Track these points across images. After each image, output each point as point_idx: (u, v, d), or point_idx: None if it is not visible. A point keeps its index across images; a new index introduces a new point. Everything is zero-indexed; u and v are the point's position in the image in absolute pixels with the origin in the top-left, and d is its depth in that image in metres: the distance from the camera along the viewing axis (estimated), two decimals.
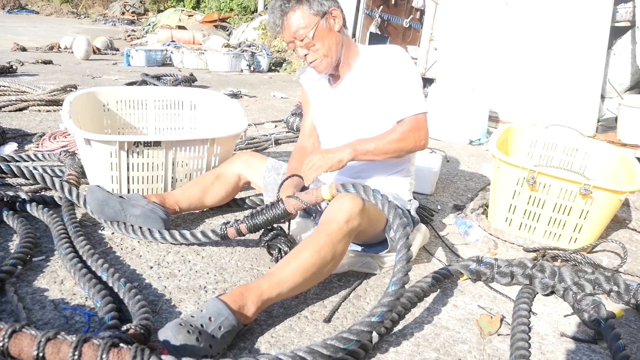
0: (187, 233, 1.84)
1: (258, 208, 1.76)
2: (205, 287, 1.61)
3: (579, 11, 4.46)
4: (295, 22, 1.69)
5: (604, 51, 4.39)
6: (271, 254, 1.79)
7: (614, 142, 4.03)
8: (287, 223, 1.79)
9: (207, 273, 1.70)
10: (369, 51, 1.85)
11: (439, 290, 1.74)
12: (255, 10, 15.04)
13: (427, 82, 6.40)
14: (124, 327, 1.23)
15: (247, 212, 2.21)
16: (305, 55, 1.75)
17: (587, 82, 4.45)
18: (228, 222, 1.79)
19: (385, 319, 1.34)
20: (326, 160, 1.65)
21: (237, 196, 2.27)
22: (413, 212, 1.88)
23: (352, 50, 1.84)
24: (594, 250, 2.21)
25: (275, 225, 1.77)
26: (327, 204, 1.60)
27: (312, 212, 1.93)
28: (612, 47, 4.63)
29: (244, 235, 1.77)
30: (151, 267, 1.70)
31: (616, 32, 4.58)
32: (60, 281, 1.56)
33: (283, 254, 1.77)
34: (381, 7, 8.32)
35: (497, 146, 2.36)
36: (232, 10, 17.89)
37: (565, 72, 4.57)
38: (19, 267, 1.56)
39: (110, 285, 1.50)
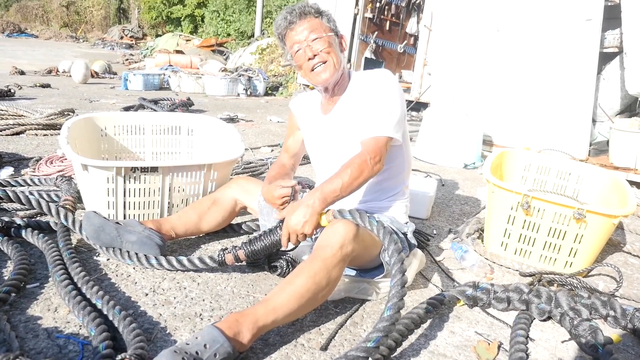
0: (184, 259, 1.84)
1: (256, 234, 1.77)
2: (200, 315, 1.60)
3: (569, 37, 4.56)
4: (312, 24, 1.73)
5: (594, 76, 4.47)
6: (277, 270, 1.82)
7: (607, 165, 4.08)
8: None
9: (203, 300, 1.69)
10: (359, 76, 1.87)
11: (435, 316, 1.73)
12: (252, 35, 15.29)
13: (422, 106, 6.49)
14: (119, 357, 1.22)
15: (245, 238, 2.22)
16: (314, 56, 1.73)
17: (579, 106, 4.52)
18: (226, 249, 1.79)
19: (381, 344, 1.34)
20: (304, 227, 1.57)
21: (234, 221, 2.27)
22: (410, 235, 1.88)
23: (347, 77, 1.86)
24: (589, 274, 2.22)
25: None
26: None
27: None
28: (602, 72, 4.72)
29: (242, 261, 1.77)
30: (146, 294, 1.69)
31: (605, 58, 4.68)
32: (54, 309, 1.54)
33: (291, 267, 1.78)
34: (376, 32, 8.47)
35: (492, 170, 2.39)
36: (229, 35, 18.16)
37: (557, 97, 4.65)
38: (13, 294, 1.54)
39: (105, 313, 1.49)
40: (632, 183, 3.65)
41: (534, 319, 1.75)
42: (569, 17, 4.56)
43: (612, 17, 4.48)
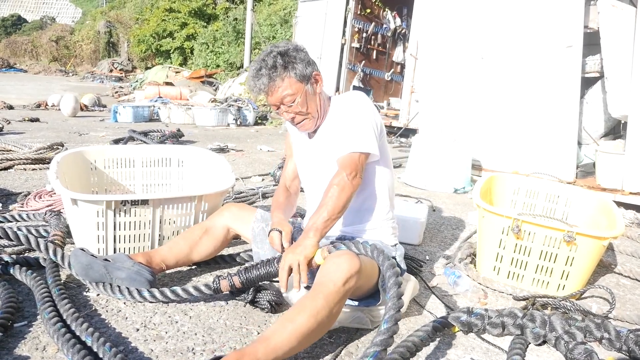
0: (178, 289, 1.82)
1: (253, 262, 1.77)
2: (193, 349, 1.57)
3: (551, 64, 4.69)
4: (282, 89, 1.74)
5: (577, 100, 4.58)
6: (262, 309, 1.80)
7: (594, 187, 4.13)
8: None
9: (195, 334, 1.66)
10: (337, 100, 1.91)
11: (431, 343, 1.71)
12: (241, 66, 15.48)
13: (411, 132, 6.57)
14: None
15: (240, 267, 2.21)
16: (292, 118, 1.80)
17: (564, 130, 4.61)
18: (221, 276, 1.78)
19: (380, 359, 1.32)
20: (298, 257, 1.60)
21: (226, 252, 2.26)
22: (399, 259, 1.88)
23: (328, 103, 1.90)
24: (582, 296, 2.22)
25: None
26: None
27: None
28: (584, 96, 4.84)
29: (237, 288, 1.76)
30: (137, 330, 1.66)
31: (587, 83, 4.81)
32: (42, 347, 1.51)
33: (276, 306, 1.78)
34: (363, 61, 8.65)
35: (481, 195, 2.41)
36: (218, 66, 18.37)
37: (543, 121, 4.74)
38: (0, 334, 1.51)
39: (95, 350, 1.45)
40: (619, 204, 3.70)
41: (529, 343, 1.74)
42: (550, 44, 4.70)
43: (591, 44, 4.63)
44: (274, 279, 1.76)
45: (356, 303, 1.79)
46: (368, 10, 8.57)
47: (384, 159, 1.89)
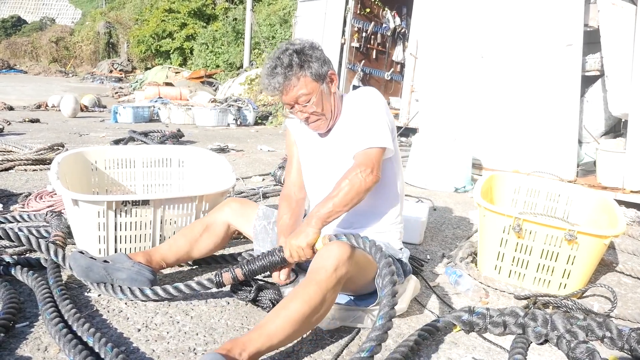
0: (180, 285, 1.82)
1: (255, 254, 1.77)
2: (194, 350, 1.57)
3: (551, 62, 4.69)
4: (297, 89, 1.71)
5: (577, 99, 4.58)
6: (264, 308, 1.80)
7: (595, 185, 4.13)
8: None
9: (197, 334, 1.66)
10: (349, 98, 1.88)
11: (432, 343, 1.71)
12: (241, 66, 15.47)
13: (411, 131, 6.57)
14: None
15: (242, 259, 2.21)
16: (306, 118, 1.77)
17: (564, 128, 4.61)
18: (222, 269, 1.78)
19: (375, 354, 1.33)
20: (300, 242, 1.61)
21: (227, 252, 2.26)
22: (405, 262, 1.88)
23: (340, 102, 1.87)
24: (583, 295, 2.22)
25: (259, 280, 1.80)
26: None
27: (305, 267, 1.91)
28: (585, 95, 4.84)
29: (239, 281, 1.75)
30: (139, 330, 1.66)
31: (587, 81, 4.80)
32: (44, 348, 1.51)
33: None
34: (363, 61, 8.64)
35: (482, 194, 2.41)
36: (218, 66, 18.36)
37: (543, 120, 4.74)
38: (1, 334, 1.51)
39: (97, 350, 1.45)
40: (620, 202, 3.70)
41: (531, 342, 1.74)
42: (550, 43, 4.70)
43: (592, 42, 4.63)
44: (276, 269, 1.75)
45: (350, 299, 1.79)
46: (367, 10, 8.56)
47: (397, 159, 1.88)
